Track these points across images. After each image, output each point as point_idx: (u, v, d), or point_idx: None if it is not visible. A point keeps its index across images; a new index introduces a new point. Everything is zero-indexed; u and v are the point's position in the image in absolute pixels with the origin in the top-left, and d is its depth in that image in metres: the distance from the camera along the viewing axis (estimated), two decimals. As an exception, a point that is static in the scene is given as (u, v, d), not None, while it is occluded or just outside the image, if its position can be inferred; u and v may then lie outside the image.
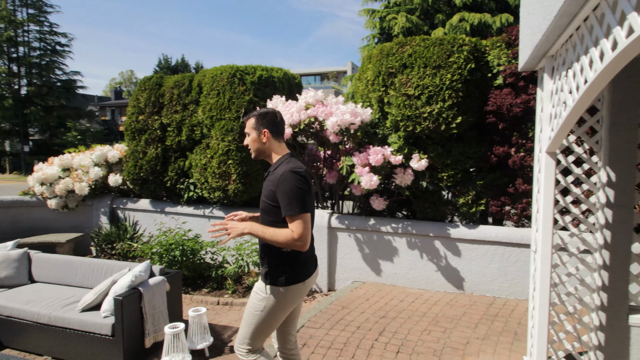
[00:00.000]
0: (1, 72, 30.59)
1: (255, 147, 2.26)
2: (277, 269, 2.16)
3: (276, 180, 2.10)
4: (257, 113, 2.27)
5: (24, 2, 31.67)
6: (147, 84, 5.99)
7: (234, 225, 2.10)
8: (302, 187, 2.06)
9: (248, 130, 2.27)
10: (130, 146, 6.13)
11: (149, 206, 6.29)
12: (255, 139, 2.25)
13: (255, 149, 2.27)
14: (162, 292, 3.75)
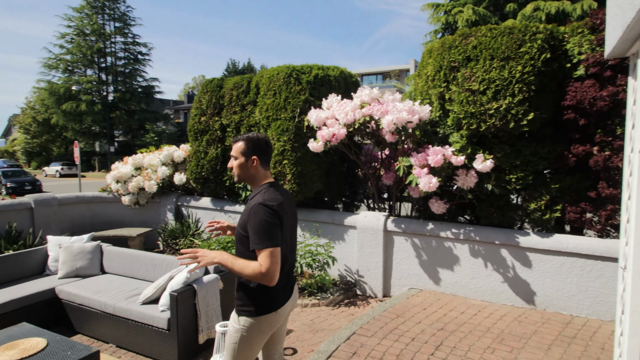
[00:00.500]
0: (92, 80, 34.01)
1: (240, 172, 2.19)
2: (249, 300, 2.12)
3: (248, 212, 2.07)
4: (246, 138, 2.18)
5: (111, 16, 34.95)
6: (208, 87, 6.21)
7: (204, 254, 2.04)
8: (271, 221, 2.00)
9: (235, 154, 2.18)
10: (193, 146, 6.40)
11: (209, 204, 6.53)
12: (242, 165, 2.17)
13: (240, 175, 2.20)
14: (215, 290, 3.81)
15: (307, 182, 5.25)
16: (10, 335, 3.36)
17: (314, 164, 5.27)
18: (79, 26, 33.95)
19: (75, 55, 33.70)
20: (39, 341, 3.23)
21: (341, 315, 4.49)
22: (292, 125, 5.15)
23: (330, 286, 5.01)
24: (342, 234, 5.27)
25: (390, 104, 4.47)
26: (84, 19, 33.92)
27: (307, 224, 5.51)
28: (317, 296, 4.84)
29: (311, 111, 4.84)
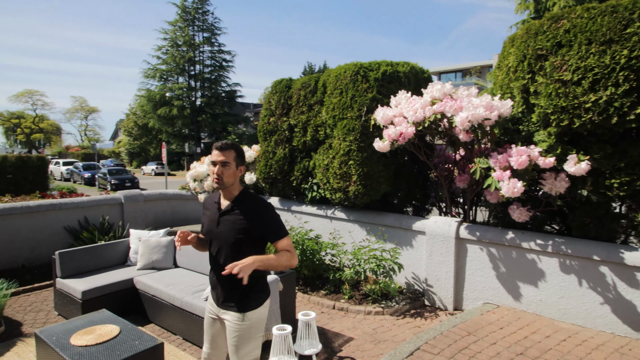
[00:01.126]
0: (183, 87, 37.03)
1: (231, 179, 2.27)
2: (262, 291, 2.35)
3: (254, 212, 2.26)
4: (237, 148, 2.31)
5: (200, 27, 37.75)
6: (277, 87, 6.28)
7: (243, 267, 2.03)
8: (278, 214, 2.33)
9: (229, 161, 2.24)
10: (262, 146, 6.53)
11: (277, 204, 6.60)
12: (234, 173, 2.27)
13: (229, 181, 2.26)
14: (275, 291, 3.78)
15: (373, 183, 5.03)
16: (91, 321, 3.65)
17: (381, 165, 5.03)
18: (173, 38, 37.16)
19: (169, 65, 36.96)
20: (112, 328, 3.45)
21: (406, 327, 4.20)
22: (358, 125, 4.97)
23: (396, 294, 4.73)
24: (409, 239, 4.96)
25: (464, 99, 4.07)
26: (177, 32, 37.06)
27: (372, 228, 5.28)
28: (381, 304, 4.60)
29: (378, 109, 4.62)
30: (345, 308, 4.62)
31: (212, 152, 2.31)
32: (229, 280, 2.20)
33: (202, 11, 37.85)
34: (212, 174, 2.24)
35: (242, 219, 2.22)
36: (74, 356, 3.05)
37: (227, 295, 2.28)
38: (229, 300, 2.28)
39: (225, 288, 2.28)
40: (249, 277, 2.11)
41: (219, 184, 2.24)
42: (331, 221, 5.82)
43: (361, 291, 4.93)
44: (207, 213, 2.40)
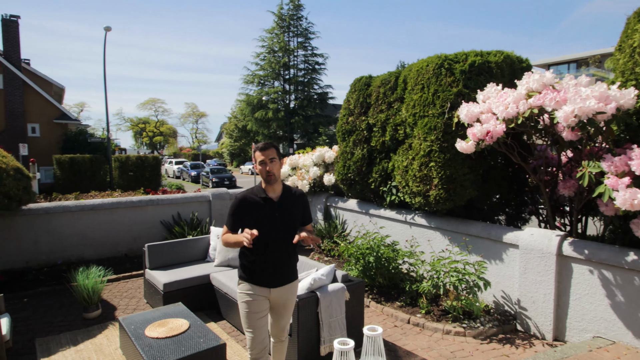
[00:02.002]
0: (278, 91, 38.84)
1: (279, 172, 2.64)
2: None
3: (299, 199, 2.77)
4: (275, 146, 2.66)
5: (295, 33, 39.21)
6: (357, 85, 6.05)
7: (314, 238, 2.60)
8: None
9: (275, 157, 2.60)
10: (341, 147, 6.35)
11: (355, 207, 6.37)
12: (280, 166, 2.64)
13: (279, 174, 2.64)
14: (340, 300, 3.56)
15: (456, 188, 4.51)
16: (166, 313, 3.83)
17: (466, 167, 4.49)
18: (270, 45, 39.17)
19: (266, 70, 39.05)
20: (183, 323, 3.57)
21: (491, 354, 3.65)
22: (440, 123, 4.50)
23: (481, 314, 4.17)
24: (499, 252, 4.34)
25: (570, 89, 3.39)
26: (274, 38, 38.99)
27: (454, 237, 4.76)
28: (463, 323, 4.09)
29: (462, 105, 4.12)
30: (421, 324, 4.20)
31: (255, 154, 2.63)
32: (287, 257, 2.69)
33: (297, 17, 39.25)
34: (263, 173, 2.59)
35: (294, 207, 2.68)
36: (144, 347, 3.20)
37: (286, 270, 2.71)
38: (288, 273, 2.73)
39: (285, 264, 2.69)
40: (294, 252, 2.76)
41: (272, 178, 2.59)
42: (410, 227, 5.41)
43: (440, 306, 4.46)
44: (256, 208, 2.64)
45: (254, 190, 2.68)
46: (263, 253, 2.61)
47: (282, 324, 2.85)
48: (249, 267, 2.66)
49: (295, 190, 2.79)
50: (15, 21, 21.93)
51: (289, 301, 2.78)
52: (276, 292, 2.69)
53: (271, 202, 2.63)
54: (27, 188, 5.04)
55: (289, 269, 2.73)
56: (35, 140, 22.44)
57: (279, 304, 2.75)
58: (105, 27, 17.13)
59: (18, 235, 5.80)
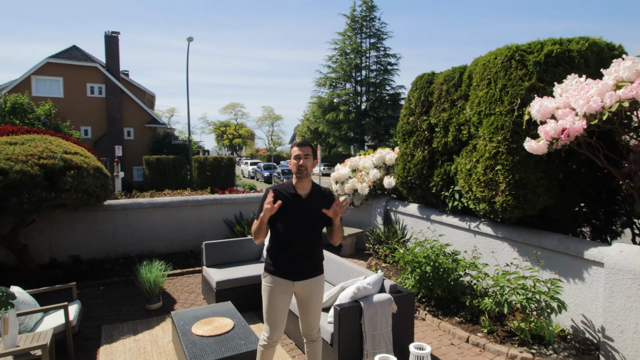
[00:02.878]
0: (349, 93, 38.83)
1: (311, 169, 2.71)
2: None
3: (328, 199, 2.80)
4: (310, 145, 2.77)
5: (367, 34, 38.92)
6: (418, 83, 5.70)
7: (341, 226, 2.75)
8: None
9: (309, 154, 2.70)
10: (401, 148, 6.04)
11: (416, 211, 6.01)
12: (312, 164, 2.72)
13: (311, 171, 2.72)
14: (386, 312, 3.32)
15: (527, 194, 4.00)
16: (214, 311, 3.89)
17: (540, 171, 3.96)
18: (342, 47, 39.32)
19: (338, 72, 39.28)
20: (228, 322, 3.59)
21: (564, 388, 3.15)
22: (509, 122, 4.03)
23: (554, 340, 3.63)
24: (578, 270, 3.75)
25: (672, 78, 2.79)
26: (346, 40, 39.08)
27: (523, 249, 4.23)
28: (532, 348, 3.59)
29: (534, 100, 3.63)
30: (482, 344, 3.78)
31: (292, 149, 2.75)
32: (312, 252, 2.75)
33: (369, 18, 38.93)
34: (295, 166, 2.69)
35: (321, 205, 2.69)
36: (187, 344, 3.27)
37: (311, 264, 2.76)
38: (313, 267, 2.77)
39: (310, 259, 2.74)
40: (319, 248, 2.81)
41: (303, 173, 2.68)
42: (475, 236, 4.94)
43: (505, 327, 3.98)
44: (284, 202, 2.64)
45: (284, 185, 2.78)
46: (287, 247, 2.70)
47: (309, 320, 2.84)
48: (273, 259, 2.75)
49: (325, 189, 2.85)
50: (116, 37, 24.59)
51: (313, 296, 2.79)
52: (300, 285, 2.74)
53: (299, 198, 2.71)
54: (104, 186, 5.52)
55: (313, 264, 2.77)
56: (130, 143, 24.92)
57: (303, 297, 2.79)
58: (188, 38, 18.47)
59: (99, 228, 6.39)
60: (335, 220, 2.68)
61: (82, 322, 4.46)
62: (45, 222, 6.03)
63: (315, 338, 2.89)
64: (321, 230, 2.81)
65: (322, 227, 2.79)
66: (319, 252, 2.83)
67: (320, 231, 2.81)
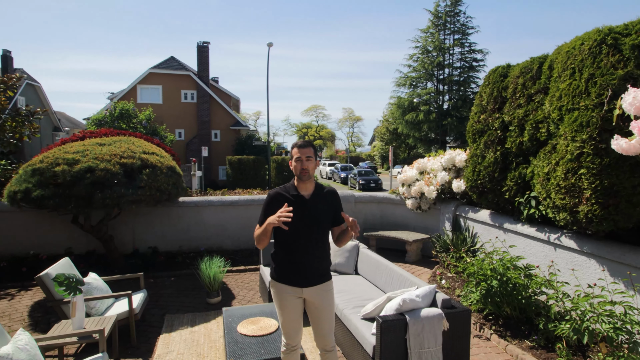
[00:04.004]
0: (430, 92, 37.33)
1: (313, 171, 2.60)
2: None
3: (332, 198, 2.69)
4: (313, 145, 2.62)
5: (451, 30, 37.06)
6: (491, 77, 5.16)
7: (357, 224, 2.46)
8: None
9: (311, 155, 2.58)
10: (471, 149, 5.53)
11: (487, 218, 5.46)
12: (315, 165, 2.60)
13: (313, 173, 2.59)
14: (435, 329, 3.02)
15: (620, 203, 3.36)
16: (262, 311, 3.91)
17: (637, 176, 3.30)
18: (424, 45, 37.96)
19: (418, 71, 38.02)
20: (273, 324, 3.58)
21: None
22: (596, 117, 3.43)
23: (651, 382, 2.99)
24: (688, 299, 3.04)
25: None
26: (428, 38, 37.65)
27: (612, 268, 3.57)
28: (620, 389, 3.00)
29: (628, 91, 3.02)
30: (556, 376, 3.27)
31: (292, 151, 2.61)
32: (319, 256, 2.62)
33: (454, 13, 37.04)
34: (297, 169, 2.56)
35: (325, 205, 2.63)
36: (230, 341, 3.31)
37: (318, 269, 2.63)
38: (321, 272, 2.65)
39: (317, 264, 2.62)
40: (325, 251, 2.68)
41: (305, 175, 2.55)
42: (555, 249, 4.31)
43: (588, 359, 3.39)
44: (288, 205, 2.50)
45: (286, 187, 2.67)
46: (293, 252, 2.59)
47: (322, 331, 2.69)
48: (279, 265, 2.65)
49: (328, 188, 2.74)
50: (206, 46, 26.60)
51: (323, 304, 2.64)
52: (309, 292, 2.62)
53: (302, 200, 2.59)
54: (176, 184, 5.91)
55: (320, 268, 2.66)
56: (216, 144, 26.75)
57: (313, 305, 2.66)
58: (268, 44, 19.27)
59: (175, 223, 6.88)
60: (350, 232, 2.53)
61: (150, 309, 4.80)
62: (130, 216, 6.65)
63: (330, 348, 2.73)
64: (328, 232, 2.68)
65: (328, 228, 2.67)
66: (327, 256, 2.70)
67: (327, 233, 2.68)
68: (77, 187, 5.03)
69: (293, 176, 2.73)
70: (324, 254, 2.67)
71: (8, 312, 4.78)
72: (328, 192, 2.71)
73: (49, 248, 6.35)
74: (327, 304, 2.68)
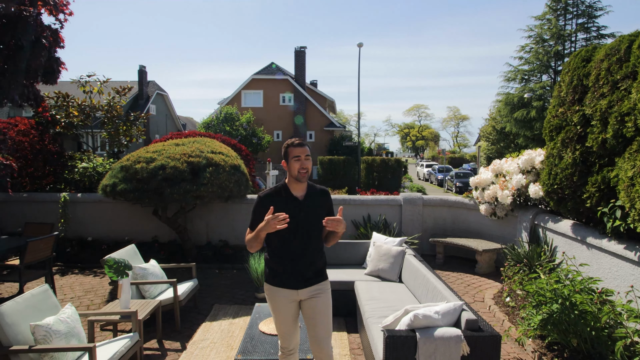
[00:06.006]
0: (545, 86, 33.29)
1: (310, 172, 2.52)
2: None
3: (324, 198, 2.64)
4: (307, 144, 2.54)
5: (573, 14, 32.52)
6: (571, 63, 4.34)
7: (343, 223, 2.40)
8: None
9: (309, 154, 2.52)
10: (547, 149, 4.75)
11: (568, 230, 4.62)
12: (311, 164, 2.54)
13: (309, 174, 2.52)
14: (451, 352, 2.65)
15: None
16: (290, 310, 3.89)
17: None
18: (539, 34, 34.03)
19: (531, 63, 34.24)
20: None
21: None
22: (692, 106, 2.65)
23: None
24: None
25: None
26: (544, 25, 33.66)
27: None
28: None
29: None
30: None
31: (289, 149, 2.50)
32: (314, 257, 2.56)
33: (578, -7, 32.42)
34: (297, 168, 2.46)
35: (319, 206, 2.58)
36: (246, 337, 3.37)
37: (313, 270, 2.57)
38: (315, 273, 2.58)
39: (312, 265, 2.56)
40: (320, 252, 2.63)
41: (305, 176, 2.48)
42: (647, 273, 3.46)
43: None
44: (279, 206, 2.42)
45: (277, 188, 2.57)
46: (288, 254, 2.52)
47: (318, 334, 2.58)
48: (273, 268, 2.58)
49: (320, 188, 2.67)
50: (303, 51, 27.68)
51: (319, 305, 2.57)
52: (305, 293, 2.56)
53: (296, 201, 2.51)
54: (238, 182, 6.24)
55: (316, 269, 2.60)
56: (311, 144, 27.63)
57: (309, 307, 2.58)
58: (358, 44, 19.24)
59: (242, 219, 7.27)
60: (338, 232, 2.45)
61: (205, 298, 5.15)
62: (204, 210, 7.23)
63: (325, 358, 2.59)
64: (322, 232, 2.59)
65: (322, 228, 2.53)
66: (322, 256, 2.65)
67: (322, 234, 2.60)
68: (151, 183, 5.65)
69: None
70: (319, 254, 2.62)
71: (96, 288, 5.57)
72: (320, 191, 2.65)
73: (139, 235, 7.24)
74: (324, 306, 2.59)
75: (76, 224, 7.38)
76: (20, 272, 4.66)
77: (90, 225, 7.37)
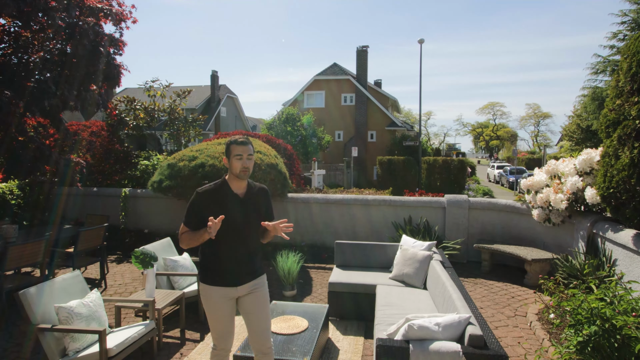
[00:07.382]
0: None
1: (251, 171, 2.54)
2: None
3: (262, 195, 2.70)
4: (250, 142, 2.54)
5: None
6: (631, 47, 3.72)
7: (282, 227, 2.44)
8: None
9: (252, 154, 2.53)
10: (604, 147, 4.14)
11: (628, 241, 4.00)
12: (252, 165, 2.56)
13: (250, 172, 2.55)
14: (450, 369, 2.40)
15: None
16: (304, 311, 3.86)
17: None
18: (634, 18, 30.17)
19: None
20: (303, 324, 3.51)
21: None
22: None
23: None
24: None
25: None
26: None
27: None
28: None
29: None
30: None
31: (231, 147, 2.49)
32: (252, 253, 2.59)
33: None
34: (238, 167, 2.46)
35: (258, 202, 2.63)
36: (250, 333, 3.37)
37: (252, 266, 2.60)
38: (254, 269, 2.62)
39: (250, 261, 2.59)
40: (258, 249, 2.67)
41: (246, 174, 2.49)
42: None
43: None
44: (218, 203, 2.47)
45: (217, 184, 2.55)
46: (226, 251, 2.51)
47: (258, 329, 2.61)
48: (211, 267, 2.55)
49: (259, 186, 2.70)
50: (365, 50, 27.40)
51: (258, 299, 2.61)
52: (243, 289, 2.57)
53: (236, 198, 2.52)
54: (274, 180, 6.32)
55: (253, 266, 2.63)
56: (372, 144, 27.31)
57: (247, 303, 2.60)
58: (419, 40, 18.57)
59: (285, 217, 7.36)
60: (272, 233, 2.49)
61: (235, 293, 5.29)
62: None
63: (267, 350, 2.63)
64: (259, 229, 2.62)
65: (259, 226, 2.57)
66: (259, 252, 2.69)
67: (259, 229, 2.62)
68: (192, 180, 5.94)
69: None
70: (257, 250, 2.65)
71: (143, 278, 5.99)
72: (260, 189, 2.69)
73: (188, 230, 7.67)
74: (263, 299, 2.64)
75: (135, 216, 8.03)
76: (73, 258, 5.17)
77: (147, 218, 7.97)
